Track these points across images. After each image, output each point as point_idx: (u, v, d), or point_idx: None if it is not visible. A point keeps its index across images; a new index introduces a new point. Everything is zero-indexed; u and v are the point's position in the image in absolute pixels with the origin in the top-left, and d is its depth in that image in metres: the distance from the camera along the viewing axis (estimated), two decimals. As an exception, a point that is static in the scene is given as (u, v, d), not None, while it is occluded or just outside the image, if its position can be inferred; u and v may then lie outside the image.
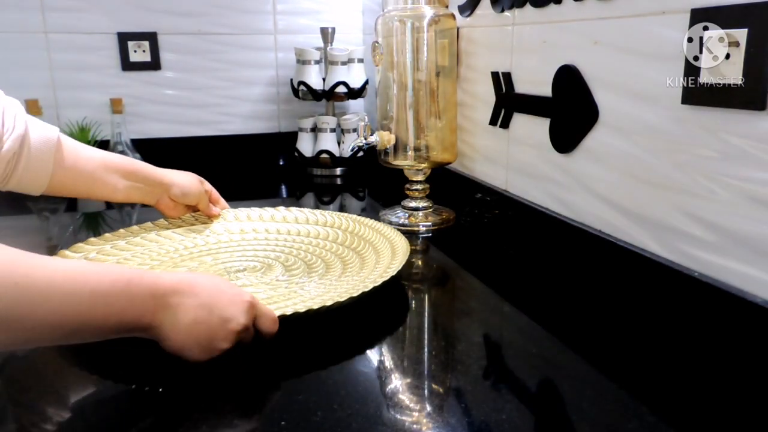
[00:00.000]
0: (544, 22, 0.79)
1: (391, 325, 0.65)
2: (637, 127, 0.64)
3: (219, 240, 0.87)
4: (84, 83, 1.40)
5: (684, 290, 0.58)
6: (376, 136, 0.98)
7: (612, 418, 0.47)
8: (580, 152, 0.75)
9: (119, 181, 0.78)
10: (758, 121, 0.50)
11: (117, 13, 1.39)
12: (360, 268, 0.74)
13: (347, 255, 0.80)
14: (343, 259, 0.79)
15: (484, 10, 0.96)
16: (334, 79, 1.40)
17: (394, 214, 1.02)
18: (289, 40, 1.52)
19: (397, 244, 0.77)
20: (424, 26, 0.95)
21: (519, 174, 0.90)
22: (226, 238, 0.87)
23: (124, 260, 0.77)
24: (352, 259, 0.78)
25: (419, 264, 0.86)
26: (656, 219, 0.63)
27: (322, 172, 1.45)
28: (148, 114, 1.46)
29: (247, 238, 0.88)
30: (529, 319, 0.67)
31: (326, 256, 0.81)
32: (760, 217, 0.51)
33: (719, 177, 0.55)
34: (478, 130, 1.02)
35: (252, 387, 0.52)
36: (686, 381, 0.53)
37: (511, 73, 0.89)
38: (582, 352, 0.59)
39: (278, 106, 1.56)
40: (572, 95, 0.74)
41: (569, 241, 0.76)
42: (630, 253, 0.65)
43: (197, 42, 1.46)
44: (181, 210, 0.87)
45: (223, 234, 0.88)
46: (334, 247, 0.83)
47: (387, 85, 0.99)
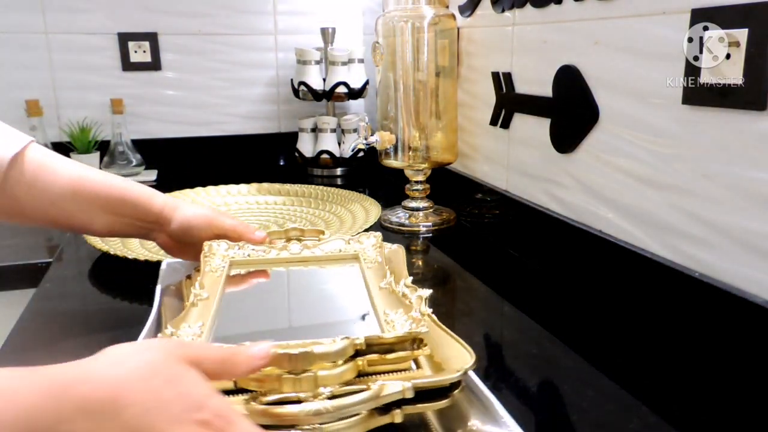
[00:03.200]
0: (545, 23, 0.79)
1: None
2: (638, 128, 0.64)
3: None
4: (84, 84, 1.40)
5: (684, 290, 0.58)
6: (377, 137, 0.98)
7: (612, 418, 0.47)
8: (580, 152, 0.75)
9: (95, 216, 0.60)
10: (758, 121, 0.50)
11: (117, 14, 1.39)
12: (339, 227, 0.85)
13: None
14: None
15: (484, 10, 0.96)
16: (334, 79, 1.40)
17: (394, 214, 1.02)
18: (289, 40, 1.52)
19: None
20: (424, 26, 0.95)
21: (519, 174, 0.90)
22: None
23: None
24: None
25: (419, 264, 0.86)
26: (656, 219, 0.63)
27: (322, 172, 1.45)
28: (148, 114, 1.46)
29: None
30: (530, 319, 0.67)
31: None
32: (761, 217, 0.51)
33: (720, 177, 0.55)
34: (478, 131, 1.02)
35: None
36: (687, 381, 0.53)
37: (511, 73, 0.89)
38: (582, 352, 0.59)
39: (278, 106, 1.56)
40: (573, 95, 0.74)
41: (569, 241, 0.76)
42: (630, 253, 0.65)
43: (198, 42, 1.46)
44: (190, 251, 0.64)
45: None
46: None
47: (387, 85, 0.99)
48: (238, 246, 0.63)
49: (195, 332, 0.49)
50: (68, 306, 0.73)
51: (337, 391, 0.40)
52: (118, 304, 0.74)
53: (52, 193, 0.58)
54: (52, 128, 1.37)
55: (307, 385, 0.40)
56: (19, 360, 0.58)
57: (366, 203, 1.07)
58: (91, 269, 0.82)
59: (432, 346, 0.47)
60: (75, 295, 0.76)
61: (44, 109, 1.33)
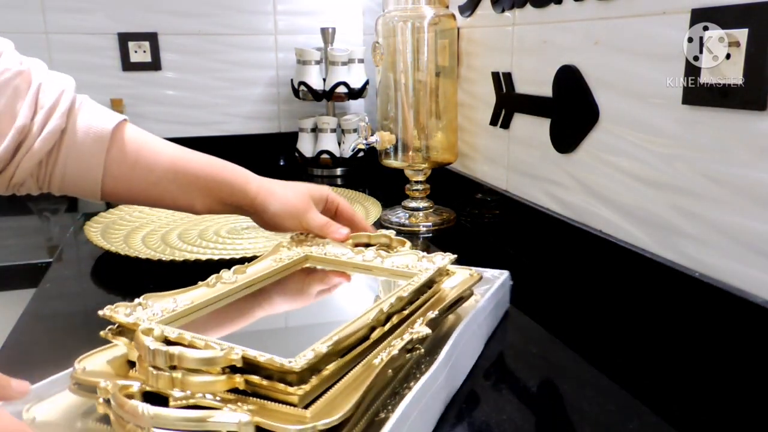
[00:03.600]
0: (545, 23, 0.79)
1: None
2: (638, 128, 0.64)
3: None
4: (84, 84, 1.39)
5: (684, 290, 0.58)
6: (377, 137, 0.98)
7: (612, 418, 0.47)
8: (580, 152, 0.75)
9: (196, 198, 0.61)
10: (758, 121, 0.50)
11: (117, 14, 1.39)
12: None
13: None
14: None
15: (484, 10, 0.96)
16: (334, 79, 1.40)
17: (394, 214, 1.02)
18: (289, 40, 1.52)
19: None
20: (424, 26, 0.95)
21: (519, 174, 0.90)
22: None
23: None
24: None
25: (419, 264, 0.86)
26: (656, 219, 0.63)
27: (322, 172, 1.45)
28: (148, 114, 1.46)
29: None
30: (529, 319, 0.67)
31: None
32: (761, 217, 0.51)
33: (720, 177, 0.55)
34: (478, 131, 1.02)
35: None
36: (687, 381, 0.53)
37: (511, 73, 0.89)
38: (582, 352, 0.59)
39: (278, 106, 1.56)
40: (573, 95, 0.74)
41: (569, 241, 0.76)
42: (630, 253, 0.65)
43: (198, 42, 1.46)
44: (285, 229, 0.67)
45: None
46: None
47: (387, 85, 0.99)
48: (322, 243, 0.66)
49: (169, 308, 0.49)
50: (68, 306, 0.73)
51: (201, 401, 0.38)
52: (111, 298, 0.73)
53: (155, 175, 0.59)
54: (52, 128, 1.37)
55: (162, 383, 0.39)
56: (19, 360, 0.59)
57: (366, 203, 1.07)
58: (91, 269, 0.82)
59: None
60: (75, 295, 0.76)
61: (44, 109, 1.33)
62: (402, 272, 0.59)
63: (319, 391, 0.40)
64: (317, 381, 0.39)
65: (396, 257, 0.62)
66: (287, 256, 0.63)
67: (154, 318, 0.47)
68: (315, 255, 0.65)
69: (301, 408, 0.38)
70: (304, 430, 0.36)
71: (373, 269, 0.62)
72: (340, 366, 0.42)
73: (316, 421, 0.36)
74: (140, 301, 0.48)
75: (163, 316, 0.48)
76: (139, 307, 0.48)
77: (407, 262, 0.61)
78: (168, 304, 0.49)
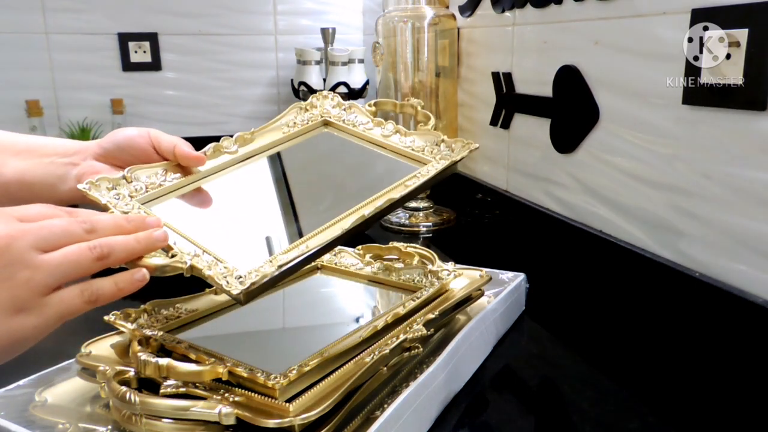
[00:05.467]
0: (545, 23, 0.79)
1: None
2: (638, 128, 0.64)
3: None
4: (85, 84, 1.40)
5: (684, 290, 0.58)
6: (377, 137, 0.98)
7: (612, 418, 0.47)
8: (580, 152, 0.75)
9: (7, 160, 0.52)
10: (758, 121, 0.50)
11: (117, 14, 1.39)
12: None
13: None
14: None
15: (484, 10, 0.96)
16: (334, 79, 1.40)
17: (394, 214, 1.02)
18: (289, 40, 1.52)
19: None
20: (424, 27, 0.95)
21: (520, 174, 0.90)
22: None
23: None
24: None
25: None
26: (656, 219, 0.63)
27: (322, 172, 1.45)
28: (148, 114, 1.46)
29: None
30: (529, 319, 0.67)
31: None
32: (761, 217, 0.51)
33: (720, 177, 0.55)
34: (478, 131, 1.02)
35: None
36: (687, 381, 0.53)
37: (511, 73, 0.89)
38: (582, 352, 0.59)
39: (279, 106, 1.56)
40: (573, 95, 0.74)
41: (569, 241, 0.76)
42: (630, 253, 0.65)
43: (198, 42, 1.46)
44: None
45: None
46: None
47: (387, 85, 0.99)
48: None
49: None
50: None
51: (190, 390, 0.40)
52: (118, 302, 0.73)
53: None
54: (53, 128, 1.37)
55: (150, 370, 0.40)
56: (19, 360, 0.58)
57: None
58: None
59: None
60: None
61: (44, 110, 1.33)
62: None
63: (302, 385, 0.40)
64: (297, 375, 0.40)
65: (416, 136, 0.61)
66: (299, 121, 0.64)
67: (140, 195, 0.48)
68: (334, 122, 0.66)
69: (283, 402, 0.39)
70: (282, 424, 0.36)
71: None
72: (323, 362, 0.42)
73: (297, 415, 0.37)
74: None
75: (147, 192, 0.49)
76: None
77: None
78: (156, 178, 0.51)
